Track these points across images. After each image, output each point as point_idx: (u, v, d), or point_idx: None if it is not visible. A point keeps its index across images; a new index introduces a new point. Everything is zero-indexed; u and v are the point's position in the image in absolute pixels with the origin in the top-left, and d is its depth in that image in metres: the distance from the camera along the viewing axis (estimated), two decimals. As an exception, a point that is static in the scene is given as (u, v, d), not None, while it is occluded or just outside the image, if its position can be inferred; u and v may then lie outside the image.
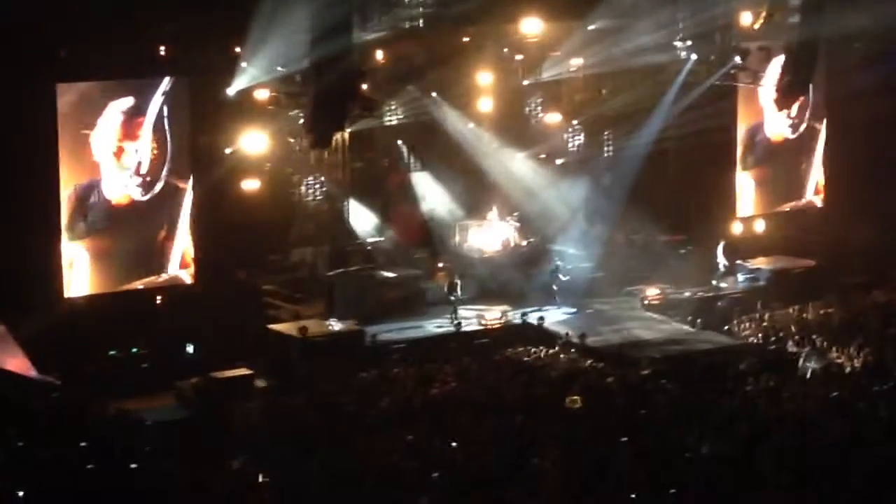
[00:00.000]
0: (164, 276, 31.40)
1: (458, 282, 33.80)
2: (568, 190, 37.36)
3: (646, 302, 35.21)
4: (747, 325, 33.20)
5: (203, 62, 31.15)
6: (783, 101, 36.91)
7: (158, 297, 31.48)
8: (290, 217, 34.87)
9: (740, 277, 36.86)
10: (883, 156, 38.58)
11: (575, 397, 25.64)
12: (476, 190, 37.03)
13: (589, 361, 29.83)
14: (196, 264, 31.53)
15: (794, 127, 39.26)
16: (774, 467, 21.45)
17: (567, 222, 37.08)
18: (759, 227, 39.26)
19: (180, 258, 31.47)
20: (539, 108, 38.23)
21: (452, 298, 33.54)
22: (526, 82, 37.24)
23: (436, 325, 33.06)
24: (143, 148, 30.88)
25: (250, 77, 31.64)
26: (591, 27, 35.97)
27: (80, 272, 30.35)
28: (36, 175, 29.55)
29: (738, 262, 37.11)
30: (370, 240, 35.88)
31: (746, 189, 38.94)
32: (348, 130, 34.11)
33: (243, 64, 31.41)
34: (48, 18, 28.47)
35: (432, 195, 37.02)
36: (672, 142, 37.80)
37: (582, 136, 38.71)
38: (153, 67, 30.87)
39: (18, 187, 29.14)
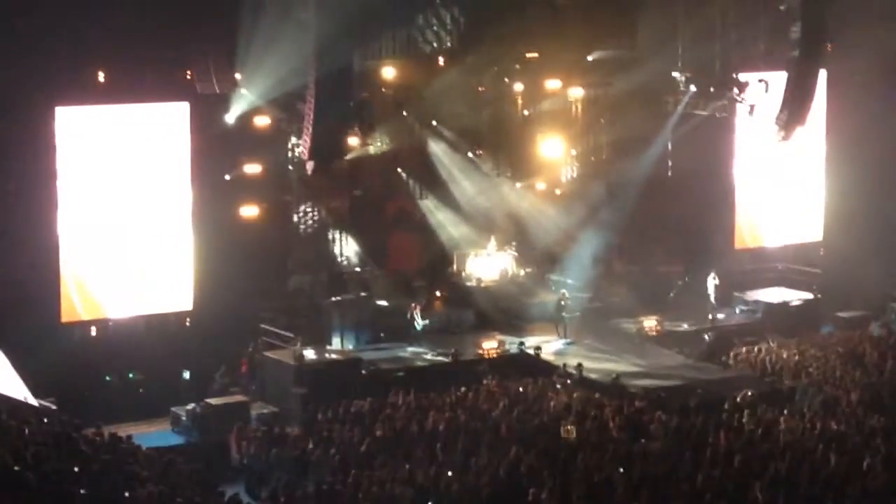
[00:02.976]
0: (161, 302, 31.39)
1: (418, 313, 33.78)
2: (566, 220, 37.36)
3: (643, 333, 35.16)
4: (744, 356, 33.14)
5: (203, 88, 31.19)
6: (782, 132, 36.92)
7: (156, 323, 31.46)
8: (288, 244, 34.87)
9: (738, 309, 36.81)
10: (882, 188, 38.58)
11: (570, 427, 25.60)
12: (474, 219, 37.04)
13: (585, 392, 29.77)
14: (194, 290, 31.52)
15: (793, 158, 39.26)
16: (770, 499, 21.40)
17: (565, 252, 37.04)
18: (757, 258, 39.27)
19: (178, 284, 31.46)
20: (538, 137, 38.27)
21: (418, 328, 33.65)
22: (526, 112, 37.33)
23: (432, 354, 33.04)
24: (143, 173, 30.90)
25: (250, 103, 31.74)
26: (590, 57, 36.04)
27: (77, 298, 30.34)
28: (35, 200, 29.57)
29: (736, 293, 37.07)
30: (366, 267, 35.87)
31: (745, 220, 38.96)
32: (347, 157, 34.15)
33: (243, 90, 31.50)
34: (48, 44, 28.53)
35: (446, 223, 36.97)
36: (671, 172, 37.84)
37: (581, 166, 38.75)
38: (154, 93, 30.91)
39: (18, 212, 29.15)
